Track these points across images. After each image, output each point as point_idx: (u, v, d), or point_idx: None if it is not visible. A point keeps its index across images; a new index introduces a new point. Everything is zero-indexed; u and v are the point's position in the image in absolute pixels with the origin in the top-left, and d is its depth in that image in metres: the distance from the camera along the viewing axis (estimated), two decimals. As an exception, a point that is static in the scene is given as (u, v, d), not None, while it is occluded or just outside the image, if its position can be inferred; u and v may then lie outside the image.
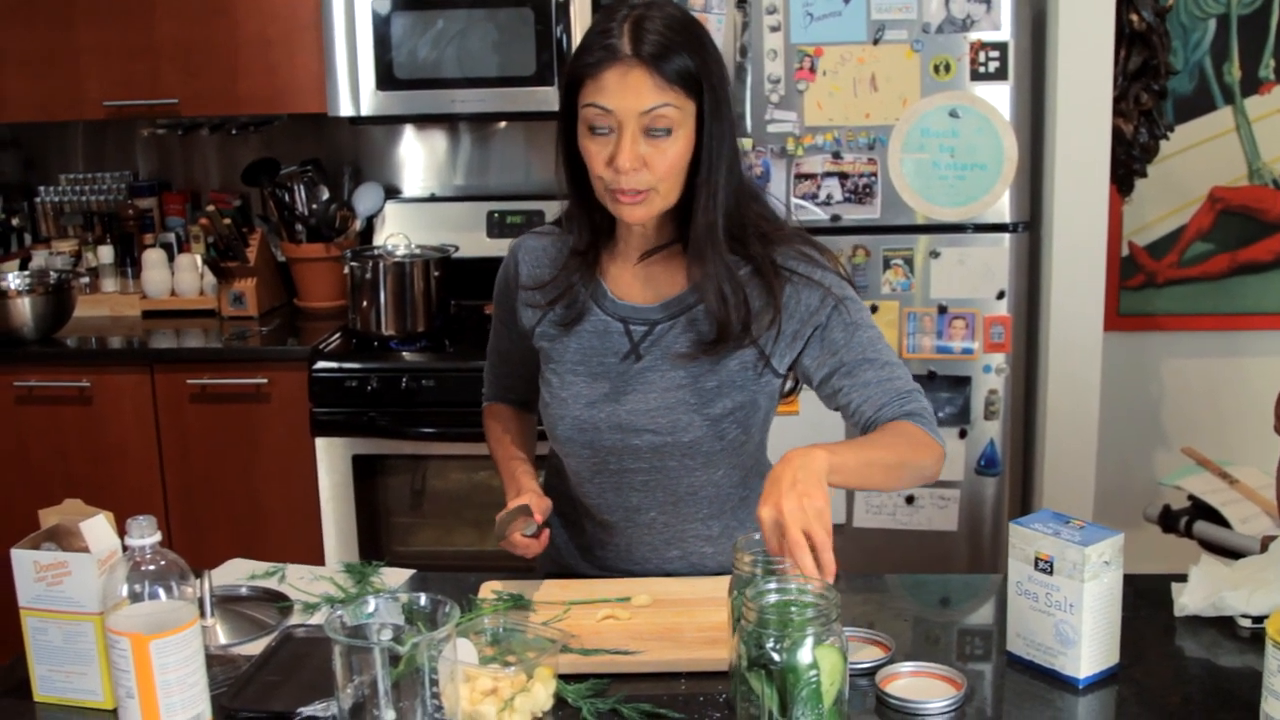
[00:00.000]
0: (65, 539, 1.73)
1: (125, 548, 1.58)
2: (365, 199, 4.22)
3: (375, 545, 3.72)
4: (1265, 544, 2.71)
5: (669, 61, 1.86)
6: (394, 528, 3.77)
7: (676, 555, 2.15)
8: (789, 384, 2.14)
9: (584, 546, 2.22)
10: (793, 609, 1.53)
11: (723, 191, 1.95)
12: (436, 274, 3.81)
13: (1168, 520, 3.13)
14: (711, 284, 1.97)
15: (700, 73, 1.89)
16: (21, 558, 1.69)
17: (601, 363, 2.07)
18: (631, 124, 1.87)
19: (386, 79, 3.77)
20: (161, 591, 1.57)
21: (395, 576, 2.16)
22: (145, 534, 1.57)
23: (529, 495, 2.08)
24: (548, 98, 3.70)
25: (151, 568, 1.57)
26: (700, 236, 1.95)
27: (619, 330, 2.07)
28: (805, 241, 2.05)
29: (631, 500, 2.12)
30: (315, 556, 3.69)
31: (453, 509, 3.78)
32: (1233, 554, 2.86)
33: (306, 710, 1.67)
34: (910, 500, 3.50)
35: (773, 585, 1.57)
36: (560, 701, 1.69)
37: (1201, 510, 3.08)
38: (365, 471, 3.68)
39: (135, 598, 1.56)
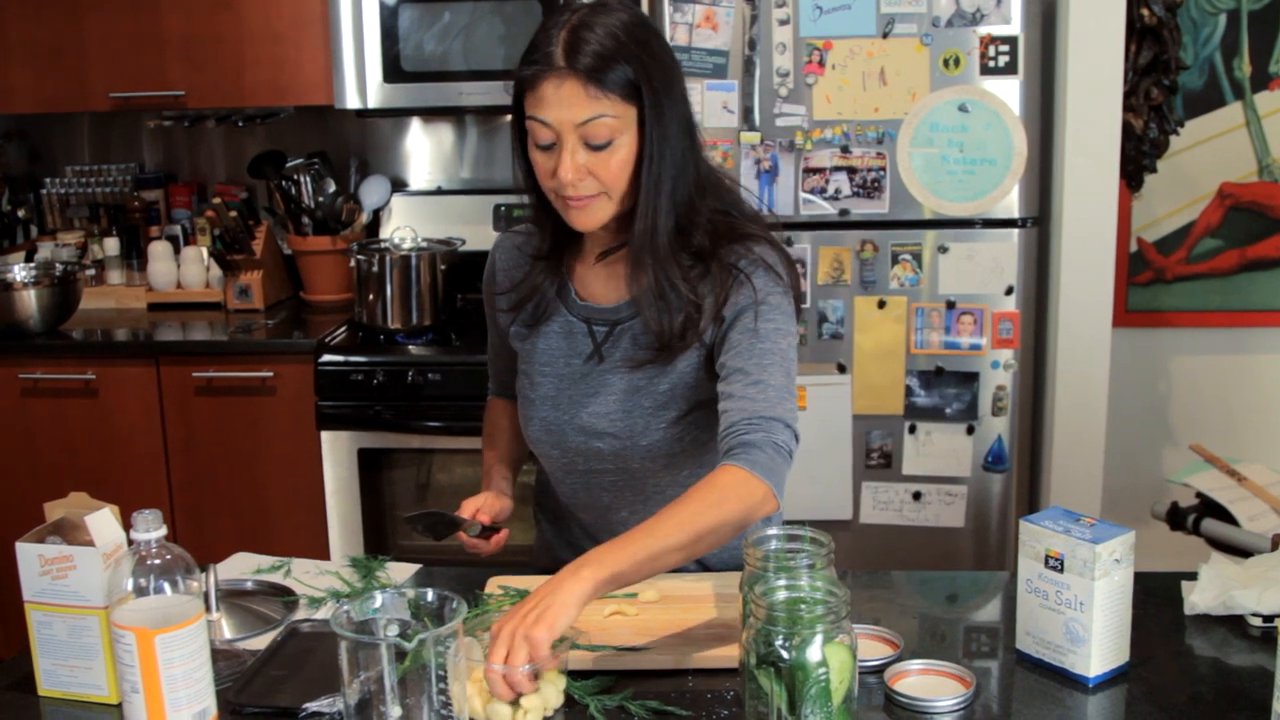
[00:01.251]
0: (70, 533, 1.72)
1: (131, 541, 1.58)
2: (371, 192, 4.21)
3: (380, 539, 3.72)
4: (1276, 542, 2.71)
5: (603, 71, 1.83)
6: (399, 522, 3.77)
7: None
8: None
9: (570, 542, 2.23)
10: (802, 606, 1.52)
11: (667, 196, 1.91)
12: (443, 267, 3.80)
13: (1176, 517, 3.12)
14: (649, 292, 1.95)
15: (639, 78, 1.85)
16: (26, 551, 1.69)
17: (568, 364, 2.08)
18: (570, 136, 1.85)
19: (393, 71, 3.76)
20: (167, 586, 1.56)
21: (401, 571, 2.16)
22: (151, 528, 1.56)
23: (484, 495, 2.14)
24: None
25: (157, 562, 1.56)
26: (638, 244, 1.93)
27: (583, 331, 2.07)
28: (762, 240, 2.00)
29: (603, 500, 2.13)
30: (320, 550, 3.69)
31: (458, 503, 3.75)
32: (1241, 551, 2.85)
33: (312, 705, 1.66)
34: (917, 496, 3.49)
35: (782, 582, 1.56)
36: (568, 698, 1.68)
37: (1209, 507, 3.06)
38: (371, 465, 3.68)
39: (141, 592, 1.56)
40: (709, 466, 2.01)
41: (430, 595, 1.56)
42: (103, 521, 1.68)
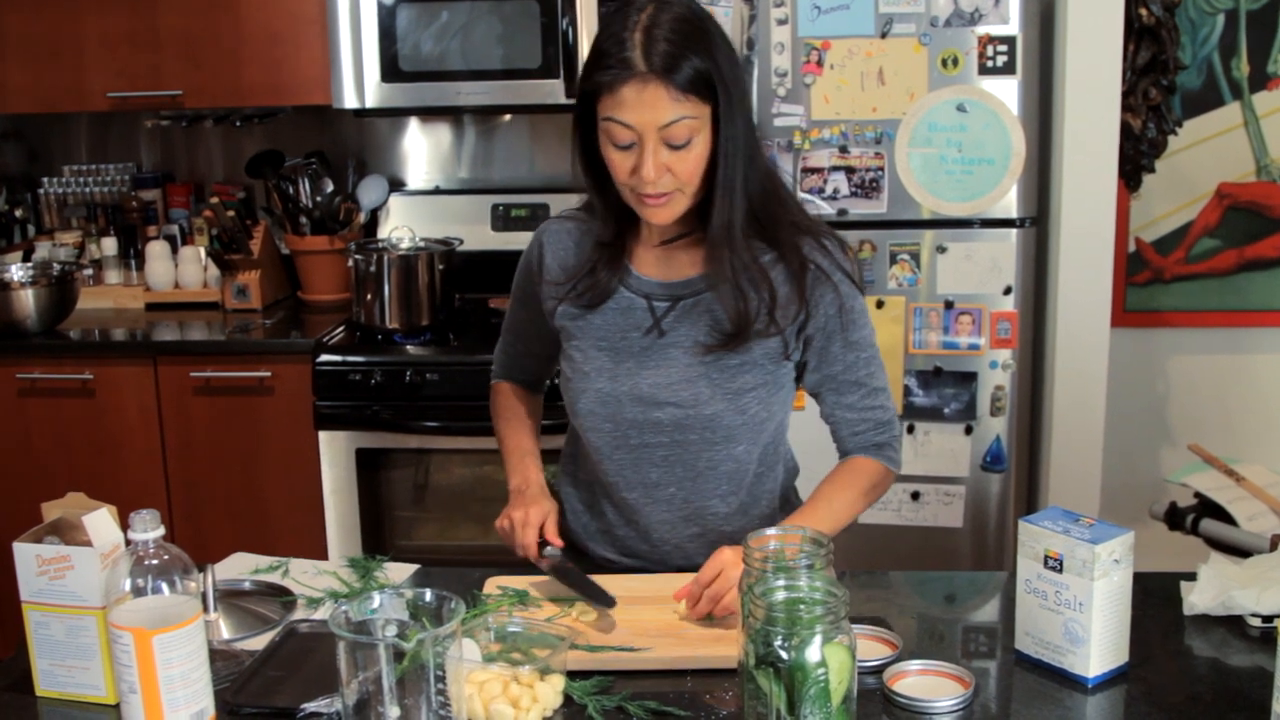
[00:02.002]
0: (68, 533, 1.72)
1: (128, 542, 1.58)
2: (369, 192, 4.21)
3: (378, 539, 3.71)
4: (1275, 542, 2.71)
5: (682, 71, 1.87)
6: (397, 522, 3.76)
7: (695, 533, 2.16)
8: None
9: (603, 530, 2.22)
10: (801, 607, 1.52)
11: (740, 190, 1.97)
12: (441, 267, 3.80)
13: (1174, 518, 3.12)
14: (727, 283, 2.00)
15: (713, 74, 1.89)
16: (24, 551, 1.69)
17: (625, 338, 2.10)
18: (652, 137, 1.89)
19: (391, 71, 3.76)
20: (165, 586, 1.56)
21: (399, 571, 2.15)
22: (148, 528, 1.56)
23: (541, 506, 2.10)
24: (553, 90, 3.69)
25: (155, 562, 1.56)
26: (717, 237, 1.98)
27: (642, 306, 2.10)
28: (828, 235, 2.09)
29: (651, 476, 2.12)
30: (318, 550, 3.68)
31: (456, 503, 3.77)
32: (1239, 551, 2.85)
33: (310, 706, 1.66)
34: (915, 496, 3.49)
35: (781, 583, 1.56)
36: (566, 698, 1.68)
37: (1208, 508, 3.06)
38: (368, 465, 3.68)
39: (138, 592, 1.56)
40: (763, 445, 2.13)
41: (429, 595, 1.56)
42: (100, 521, 1.67)
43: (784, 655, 1.48)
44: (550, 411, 2.42)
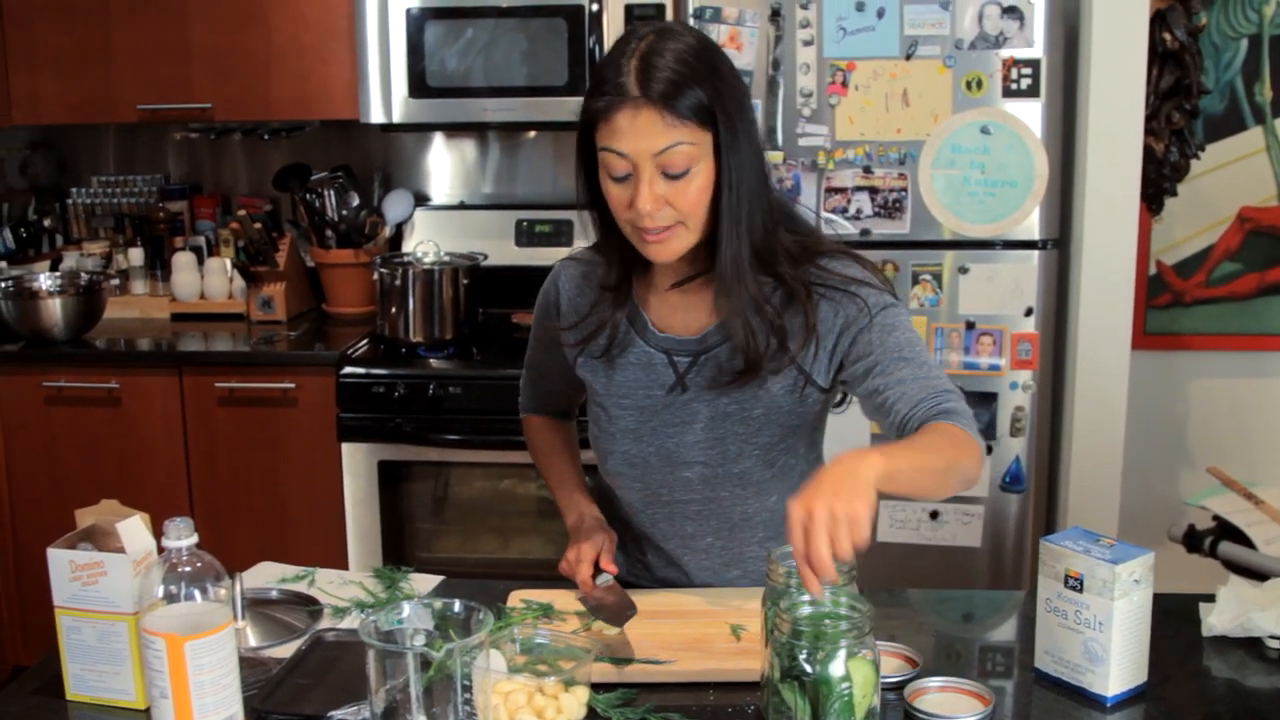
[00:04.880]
0: (101, 539, 1.74)
1: (160, 549, 1.60)
2: (395, 206, 4.24)
3: (399, 551, 3.73)
4: (1293, 565, 2.71)
5: (679, 98, 1.80)
6: (418, 534, 3.78)
7: (737, 575, 2.13)
8: (838, 395, 2.09)
9: (646, 567, 2.19)
10: (826, 621, 1.54)
11: (746, 221, 1.89)
12: (465, 282, 3.82)
13: (1192, 540, 3.11)
14: (738, 318, 1.92)
15: (713, 103, 1.83)
16: (58, 557, 1.71)
17: (648, 395, 2.05)
18: (648, 166, 1.83)
19: (418, 87, 3.79)
20: (197, 593, 1.58)
21: (423, 583, 2.17)
22: (182, 536, 1.58)
23: (597, 536, 2.06)
24: (578, 108, 3.70)
25: (188, 569, 1.58)
26: (726, 272, 1.90)
27: (663, 362, 2.04)
28: (842, 254, 2.01)
29: (686, 529, 2.10)
30: (339, 561, 3.70)
31: (477, 516, 3.79)
32: (1257, 575, 2.84)
33: (337, 714, 1.68)
34: (934, 515, 3.50)
35: (807, 597, 1.57)
36: (590, 711, 1.69)
37: (1226, 531, 3.06)
38: (390, 477, 3.70)
39: (171, 599, 1.57)
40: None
41: (457, 606, 1.58)
42: (134, 529, 1.70)
43: (808, 669, 1.49)
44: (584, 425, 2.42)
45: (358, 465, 3.68)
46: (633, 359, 2.06)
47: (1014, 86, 3.33)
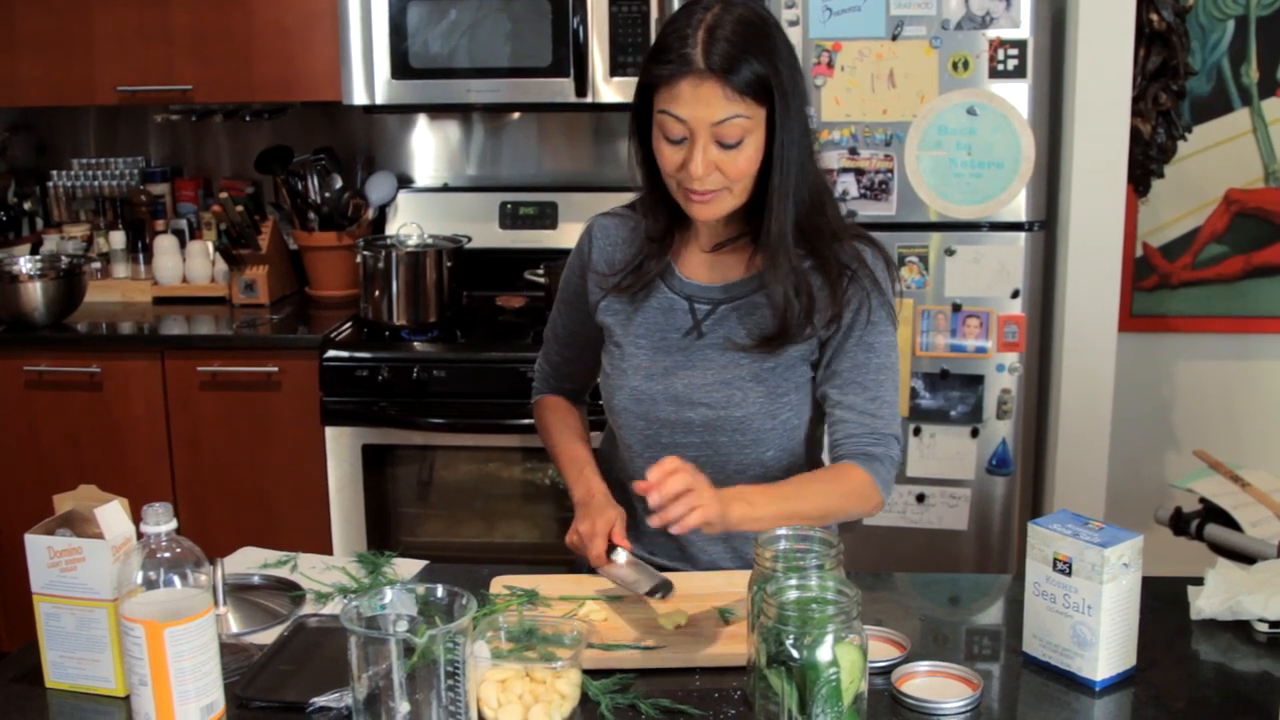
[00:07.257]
0: (80, 525, 1.72)
1: (140, 535, 1.58)
2: (378, 188, 4.21)
3: (383, 535, 3.72)
4: (1281, 548, 2.70)
5: (740, 72, 1.89)
6: (402, 518, 3.77)
7: (721, 550, 2.19)
8: None
9: (632, 525, 2.18)
10: (813, 606, 1.52)
11: (793, 195, 1.99)
12: (449, 264, 3.80)
13: (1179, 523, 3.12)
14: (779, 288, 2.02)
15: (771, 78, 1.92)
16: (36, 543, 1.69)
17: (665, 337, 2.13)
18: (704, 133, 1.92)
19: (401, 68, 3.76)
20: (176, 579, 1.57)
21: (407, 567, 2.16)
22: (161, 521, 1.56)
23: (608, 511, 2.08)
24: (562, 89, 3.69)
25: (167, 555, 1.56)
26: (772, 243, 2.01)
27: (683, 307, 2.13)
28: (868, 242, 2.12)
29: None
30: (323, 545, 3.68)
31: (462, 500, 3.77)
32: (1244, 557, 2.85)
33: (319, 700, 1.67)
34: (921, 499, 3.49)
35: (793, 582, 1.56)
36: (580, 695, 1.68)
37: (1213, 513, 3.06)
38: (374, 461, 3.68)
39: (150, 585, 1.56)
40: (792, 453, 2.14)
41: (440, 591, 1.56)
42: (112, 514, 1.68)
43: (795, 654, 1.48)
44: (591, 409, 2.43)
45: (341, 449, 3.67)
46: (654, 303, 2.15)
47: (1000, 67, 3.31)
